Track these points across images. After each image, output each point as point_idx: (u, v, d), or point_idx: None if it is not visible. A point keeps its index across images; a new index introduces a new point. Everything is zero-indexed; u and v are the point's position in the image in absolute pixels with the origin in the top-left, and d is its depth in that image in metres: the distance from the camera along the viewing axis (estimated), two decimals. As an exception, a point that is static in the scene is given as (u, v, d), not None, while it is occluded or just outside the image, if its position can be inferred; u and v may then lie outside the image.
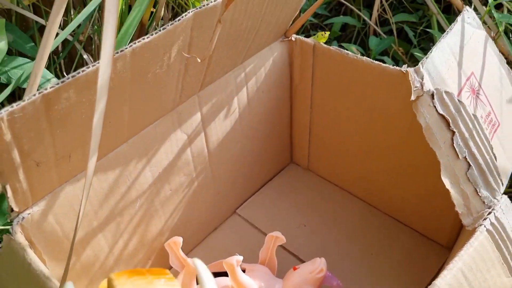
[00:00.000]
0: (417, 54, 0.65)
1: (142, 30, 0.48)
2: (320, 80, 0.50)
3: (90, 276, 0.40)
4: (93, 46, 0.52)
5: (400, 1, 0.79)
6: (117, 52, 0.28)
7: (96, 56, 0.52)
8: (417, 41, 0.74)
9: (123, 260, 0.43)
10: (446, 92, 0.31)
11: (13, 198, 0.30)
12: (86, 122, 0.31)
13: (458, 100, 0.31)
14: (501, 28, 0.58)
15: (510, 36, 0.66)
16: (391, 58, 0.72)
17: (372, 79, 0.45)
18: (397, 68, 0.43)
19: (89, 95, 0.29)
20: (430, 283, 0.26)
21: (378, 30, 0.73)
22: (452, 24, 0.33)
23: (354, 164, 0.53)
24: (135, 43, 0.30)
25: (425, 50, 0.74)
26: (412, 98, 0.30)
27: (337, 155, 0.55)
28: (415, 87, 0.30)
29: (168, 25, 0.31)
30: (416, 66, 0.30)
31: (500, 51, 0.62)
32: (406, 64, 0.44)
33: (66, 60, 0.53)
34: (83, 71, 0.28)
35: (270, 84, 0.50)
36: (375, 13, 0.74)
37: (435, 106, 0.30)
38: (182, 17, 0.32)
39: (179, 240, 0.44)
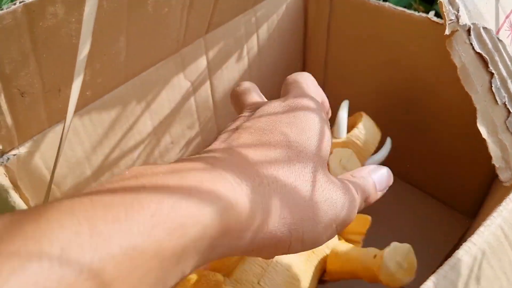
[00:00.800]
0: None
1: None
2: (336, 31, 0.46)
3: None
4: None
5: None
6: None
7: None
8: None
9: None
10: (485, 28, 0.27)
11: (-5, 132, 0.27)
12: (76, 49, 0.27)
13: (498, 38, 0.27)
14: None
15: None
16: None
17: (396, 28, 0.41)
18: (424, 14, 0.39)
19: (79, 15, 0.25)
20: (450, 253, 0.23)
21: (398, -12, 0.68)
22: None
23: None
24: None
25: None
26: (446, 32, 0.26)
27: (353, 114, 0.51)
28: (450, 20, 0.26)
29: None
30: None
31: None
32: (434, 11, 0.40)
33: None
34: (72, -18, 0.24)
35: (282, 33, 0.46)
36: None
37: (471, 44, 0.27)
38: None
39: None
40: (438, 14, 0.38)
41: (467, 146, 0.42)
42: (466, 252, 0.21)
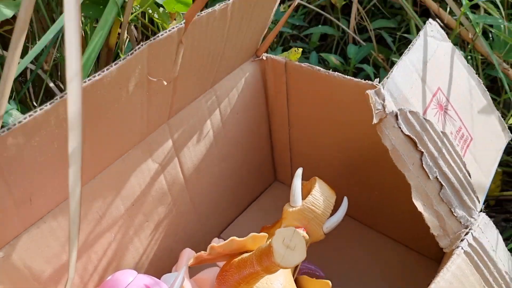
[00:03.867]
0: (396, 60, 0.64)
1: (109, 55, 0.47)
2: (295, 97, 0.49)
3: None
4: (59, 74, 0.51)
5: (378, 8, 0.79)
6: (65, 94, 0.27)
7: (63, 85, 0.51)
8: (397, 47, 0.74)
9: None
10: (411, 112, 0.30)
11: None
12: (42, 164, 0.30)
13: (424, 119, 0.30)
14: (478, 29, 0.58)
15: (490, 36, 0.65)
16: (372, 65, 0.72)
17: (346, 94, 0.44)
18: (369, 82, 0.42)
19: (40, 139, 0.28)
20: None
21: (357, 38, 0.72)
22: (414, 39, 0.32)
23: (338, 179, 0.52)
24: (85, 81, 0.29)
25: (406, 55, 0.73)
26: (375, 121, 0.29)
27: (320, 171, 0.54)
28: (377, 109, 0.28)
29: (120, 60, 0.30)
30: (377, 88, 0.29)
31: (478, 52, 0.61)
32: (378, 78, 0.43)
33: (35, 90, 0.52)
34: (30, 115, 0.27)
35: (244, 105, 0.49)
36: (352, 21, 0.73)
37: (400, 127, 0.29)
38: (136, 50, 0.31)
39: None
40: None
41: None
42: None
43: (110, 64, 0.30)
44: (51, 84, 0.49)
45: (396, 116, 0.29)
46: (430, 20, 0.34)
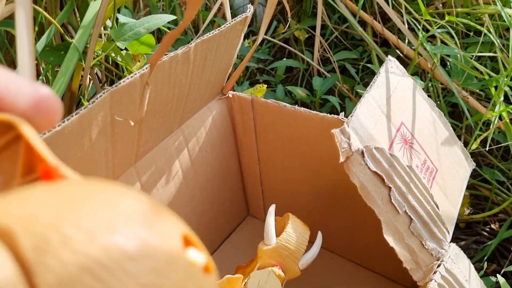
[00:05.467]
0: (360, 90, 0.65)
1: (73, 99, 0.46)
2: (263, 133, 0.49)
3: None
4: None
5: (340, 40, 0.81)
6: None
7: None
8: (360, 77, 0.75)
9: None
10: (377, 148, 0.30)
11: None
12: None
13: (390, 154, 0.31)
14: (436, 59, 0.60)
15: (448, 65, 0.68)
16: (338, 95, 0.73)
17: (313, 129, 0.44)
18: (335, 116, 0.43)
19: None
20: None
21: (322, 69, 0.74)
22: (375, 76, 0.33)
23: (311, 212, 0.52)
24: (45, 133, 0.28)
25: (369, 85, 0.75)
26: (341, 159, 0.29)
27: (292, 205, 0.53)
28: (343, 148, 0.29)
29: (81, 109, 0.29)
30: (342, 127, 0.29)
31: (438, 80, 0.63)
32: (344, 112, 0.44)
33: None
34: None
35: (213, 142, 0.49)
36: (316, 54, 0.75)
37: (367, 164, 0.30)
38: (97, 98, 0.30)
39: None
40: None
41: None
42: None
43: (71, 113, 0.29)
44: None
45: (362, 153, 0.29)
46: (390, 57, 0.35)
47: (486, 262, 0.50)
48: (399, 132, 0.32)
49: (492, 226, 0.64)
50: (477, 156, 0.65)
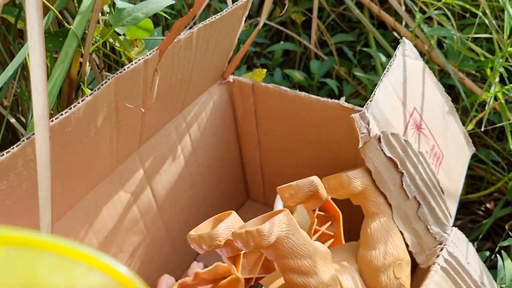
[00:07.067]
0: (358, 73, 0.65)
1: (71, 86, 0.46)
2: (263, 117, 0.50)
3: None
4: (20, 108, 0.50)
5: (337, 22, 0.81)
6: (32, 134, 0.27)
7: (25, 118, 0.49)
8: (358, 59, 0.76)
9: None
10: (393, 134, 0.30)
11: None
12: (11, 207, 0.29)
13: (404, 140, 0.31)
14: (433, 41, 0.60)
15: (444, 46, 0.68)
16: (335, 78, 0.73)
17: (313, 113, 0.45)
18: (335, 101, 0.43)
19: (8, 182, 0.27)
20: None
21: (319, 52, 0.74)
22: (392, 59, 0.33)
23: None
24: (52, 120, 0.28)
25: (366, 67, 0.75)
26: (360, 145, 0.29)
27: (292, 188, 0.54)
28: (362, 133, 0.29)
29: (87, 96, 0.29)
30: (362, 112, 0.29)
31: (435, 62, 0.64)
32: (344, 97, 0.44)
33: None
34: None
35: (214, 127, 0.50)
36: (313, 37, 0.75)
37: (382, 150, 0.30)
38: (102, 84, 0.30)
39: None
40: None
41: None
42: None
43: (70, 100, 0.29)
44: (12, 120, 0.47)
45: (379, 139, 0.30)
46: (404, 39, 0.35)
47: (481, 241, 0.51)
48: (411, 117, 0.32)
49: (487, 205, 0.65)
50: (472, 137, 0.66)
